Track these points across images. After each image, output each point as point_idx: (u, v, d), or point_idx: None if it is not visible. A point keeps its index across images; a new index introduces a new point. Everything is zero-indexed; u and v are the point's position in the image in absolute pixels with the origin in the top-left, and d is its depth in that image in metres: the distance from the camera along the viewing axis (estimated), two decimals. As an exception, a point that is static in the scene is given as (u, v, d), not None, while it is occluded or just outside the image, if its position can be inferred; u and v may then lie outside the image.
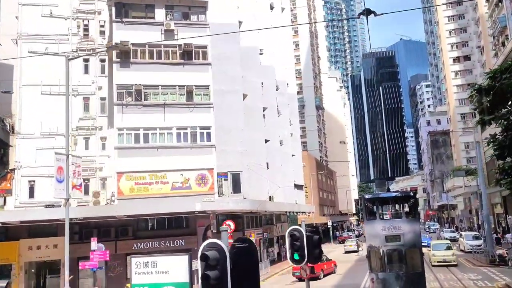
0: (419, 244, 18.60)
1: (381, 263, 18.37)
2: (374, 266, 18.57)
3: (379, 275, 18.32)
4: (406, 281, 17.82)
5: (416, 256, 18.24)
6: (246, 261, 7.43)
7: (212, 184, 32.27)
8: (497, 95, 17.13)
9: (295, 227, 13.97)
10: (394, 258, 18.32)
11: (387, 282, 18.08)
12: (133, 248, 31.71)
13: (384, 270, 18.25)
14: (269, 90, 46.72)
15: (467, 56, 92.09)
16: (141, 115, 31.87)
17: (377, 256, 18.51)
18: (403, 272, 17.98)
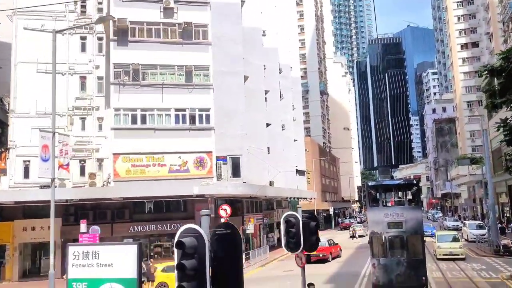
0: (421, 231, 18.79)
1: (382, 249, 18.55)
2: (376, 252, 18.73)
3: (380, 260, 18.48)
4: (407, 267, 18.00)
5: (417, 243, 18.43)
6: (229, 249, 6.63)
7: (210, 167, 31.50)
8: (510, 77, 16.14)
9: (291, 213, 13.17)
10: (396, 244, 18.51)
11: (388, 267, 18.24)
12: (130, 231, 31.17)
13: (385, 256, 18.41)
14: (272, 73, 45.68)
15: (475, 43, 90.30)
16: (138, 96, 30.99)
17: (379, 242, 18.70)
18: (404, 258, 18.17)
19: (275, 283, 24.23)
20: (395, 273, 18.14)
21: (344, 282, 23.50)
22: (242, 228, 36.92)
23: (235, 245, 6.67)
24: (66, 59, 32.73)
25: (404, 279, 17.97)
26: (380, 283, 18.37)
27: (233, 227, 6.81)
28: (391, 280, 18.13)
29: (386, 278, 18.28)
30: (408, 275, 18.01)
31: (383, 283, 18.30)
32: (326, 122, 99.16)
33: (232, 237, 6.68)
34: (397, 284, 18.06)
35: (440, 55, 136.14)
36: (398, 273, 18.09)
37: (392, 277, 18.15)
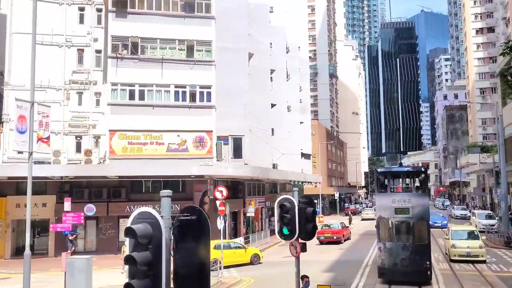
0: (427, 217, 19.30)
1: (389, 233, 19.13)
2: (382, 236, 19.26)
3: (386, 244, 19.03)
4: (412, 251, 18.56)
5: (423, 229, 18.98)
6: (194, 239, 5.39)
7: (210, 147, 30.26)
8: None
9: (286, 197, 11.93)
10: (402, 229, 19.14)
11: (394, 251, 18.82)
12: (126, 210, 30.12)
13: (391, 240, 19.03)
14: (279, 52, 44.06)
15: (491, 28, 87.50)
16: (137, 70, 29.66)
17: (386, 226, 19.26)
18: (410, 243, 18.79)
19: (275, 270, 23.12)
20: (400, 257, 18.69)
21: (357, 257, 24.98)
22: (244, 211, 35.87)
23: (201, 234, 5.42)
24: (64, 31, 31.43)
25: (408, 263, 18.49)
26: (386, 266, 18.94)
27: (200, 212, 5.55)
28: (396, 263, 18.71)
29: (391, 261, 18.84)
30: (412, 259, 18.51)
31: (388, 266, 18.88)
32: (335, 106, 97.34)
33: (198, 224, 5.43)
34: (401, 268, 18.59)
35: (454, 40, 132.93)
36: (403, 257, 18.64)
37: (397, 261, 18.70)
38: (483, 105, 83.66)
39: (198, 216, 5.46)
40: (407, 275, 18.61)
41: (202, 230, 5.43)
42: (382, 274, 19.27)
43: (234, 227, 36.05)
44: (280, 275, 20.98)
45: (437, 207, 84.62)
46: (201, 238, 5.41)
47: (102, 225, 30.41)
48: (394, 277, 18.86)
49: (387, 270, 18.96)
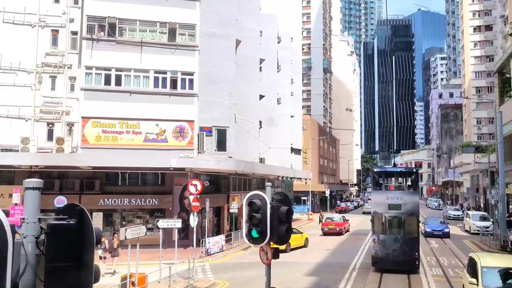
0: (417, 213, 21.27)
1: (382, 227, 21.08)
2: (376, 229, 21.19)
3: (380, 237, 20.95)
4: (403, 243, 20.52)
5: (413, 223, 20.98)
6: (70, 254, 3.49)
7: (191, 138, 28.34)
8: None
9: (257, 193, 10.01)
10: (394, 223, 21.10)
11: (387, 243, 20.73)
12: (99, 204, 28.24)
13: (384, 233, 20.96)
14: (269, 41, 42.07)
15: (488, 26, 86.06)
16: (114, 54, 27.65)
17: (380, 221, 21.19)
18: (401, 235, 20.74)
19: (253, 271, 21.27)
20: (392, 248, 20.67)
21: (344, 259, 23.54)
22: (227, 207, 34.01)
23: (82, 246, 3.53)
24: (37, 10, 29.24)
25: (399, 253, 20.51)
26: (379, 255, 20.85)
27: (82, 212, 3.65)
28: (388, 254, 20.65)
29: (384, 251, 20.78)
30: (403, 250, 20.53)
31: (381, 256, 20.79)
32: (328, 102, 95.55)
33: (79, 231, 3.54)
34: (393, 258, 20.53)
35: (450, 39, 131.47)
36: (395, 248, 20.63)
37: (389, 251, 20.65)
38: (479, 104, 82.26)
39: (79, 219, 3.56)
40: (397, 264, 20.43)
41: (85, 241, 3.53)
42: (375, 263, 21.08)
43: (217, 223, 34.21)
44: (258, 277, 19.17)
45: (429, 207, 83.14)
46: (83, 253, 3.52)
47: (73, 219, 28.39)
48: (385, 265, 20.63)
49: (380, 259, 20.83)
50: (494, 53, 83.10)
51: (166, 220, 19.41)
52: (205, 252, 26.17)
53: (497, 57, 70.92)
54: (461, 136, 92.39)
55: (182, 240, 28.08)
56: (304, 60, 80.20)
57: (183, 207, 28.47)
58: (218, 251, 27.47)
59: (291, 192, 60.21)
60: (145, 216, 29.73)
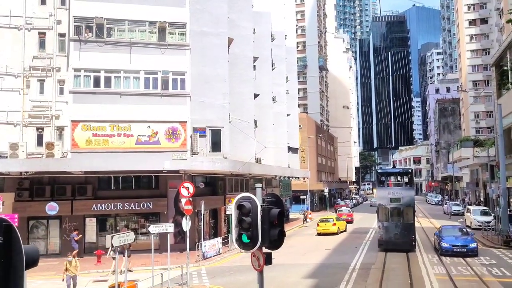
0: (413, 204, 26.53)
1: (386, 216, 26.35)
2: (381, 218, 26.52)
3: (384, 224, 26.33)
4: (402, 228, 25.82)
5: (410, 212, 26.10)
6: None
7: (185, 139, 27.65)
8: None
9: (246, 195, 9.41)
10: (395, 213, 26.26)
11: (389, 228, 26.10)
12: (92, 209, 27.61)
13: (387, 220, 26.26)
14: (263, 39, 41.41)
15: (484, 19, 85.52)
16: (102, 55, 26.94)
17: (383, 211, 26.51)
18: (400, 222, 25.95)
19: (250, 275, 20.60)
20: (393, 232, 25.93)
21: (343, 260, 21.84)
22: (224, 208, 33.38)
23: (8, 269, 2.87)
24: (23, 12, 28.57)
25: (399, 236, 25.73)
26: (383, 239, 26.23)
27: (9, 228, 2.99)
28: (391, 237, 25.92)
29: (387, 235, 26.09)
30: (402, 234, 25.73)
31: (385, 239, 26.11)
32: (325, 99, 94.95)
33: (5, 251, 2.88)
34: (394, 240, 25.78)
35: (446, 33, 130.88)
36: (396, 232, 25.87)
37: (391, 235, 25.95)
38: (476, 98, 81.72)
39: (6, 237, 2.90)
40: (398, 245, 25.60)
41: (12, 264, 2.88)
42: (380, 245, 26.36)
43: (214, 226, 33.57)
44: (255, 281, 18.51)
45: (429, 202, 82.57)
46: (8, 279, 2.86)
47: (66, 225, 27.74)
48: (389, 246, 25.69)
49: (384, 241, 26.14)
50: (490, 46, 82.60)
51: (158, 225, 18.74)
52: (201, 256, 25.53)
53: (493, 50, 70.42)
54: (459, 131, 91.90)
55: (179, 244, 27.47)
56: (299, 58, 79.62)
57: (178, 210, 27.79)
58: (215, 254, 26.84)
59: (289, 192, 59.59)
60: (139, 221, 29.09)
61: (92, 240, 28.06)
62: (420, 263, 22.04)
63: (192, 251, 24.54)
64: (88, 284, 19.86)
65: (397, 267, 21.12)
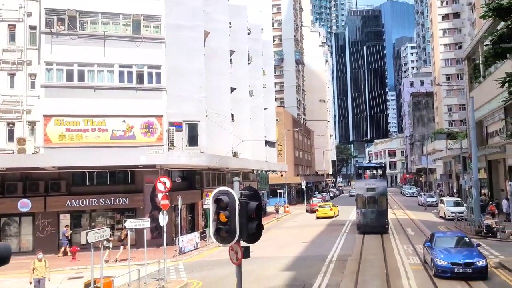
0: (386, 193, 31.00)
1: (363, 203, 30.74)
2: (359, 205, 30.87)
3: (361, 210, 30.68)
4: (377, 214, 30.19)
5: (383, 200, 30.57)
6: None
7: (161, 133, 27.38)
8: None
9: (224, 189, 9.36)
10: (370, 201, 30.69)
11: (366, 214, 30.46)
12: (66, 205, 27.12)
13: (365, 207, 30.60)
14: (239, 33, 41.23)
15: (456, 14, 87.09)
16: (75, 48, 26.40)
17: (361, 200, 30.89)
18: (375, 209, 30.34)
19: (228, 269, 20.58)
20: (370, 217, 30.28)
21: (320, 252, 21.03)
22: (201, 203, 33.23)
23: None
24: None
25: (375, 221, 30.02)
26: (361, 223, 30.56)
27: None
28: (368, 221, 30.26)
29: (364, 220, 30.45)
30: (377, 218, 30.05)
31: (363, 223, 30.47)
32: (301, 93, 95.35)
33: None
34: (370, 224, 30.07)
35: (420, 27, 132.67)
36: (372, 217, 30.21)
37: (368, 220, 30.30)
38: (449, 91, 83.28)
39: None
40: (374, 228, 29.77)
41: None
42: (359, 228, 30.75)
43: (191, 220, 33.40)
44: (233, 275, 18.48)
45: (404, 194, 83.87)
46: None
47: (39, 222, 27.19)
48: (366, 229, 29.95)
49: (362, 225, 30.45)
50: (462, 40, 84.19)
51: (134, 220, 18.51)
52: (178, 251, 25.36)
53: (466, 44, 71.78)
54: (432, 124, 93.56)
55: (155, 239, 27.21)
56: (276, 52, 79.59)
57: (155, 205, 27.53)
58: (193, 249, 26.70)
59: (267, 185, 59.75)
60: (115, 216, 28.72)
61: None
62: (396, 254, 22.37)
63: (169, 246, 24.34)
64: (63, 281, 19.52)
65: (374, 259, 21.38)
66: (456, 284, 15.98)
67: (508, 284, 16.02)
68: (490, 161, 42.67)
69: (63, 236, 25.82)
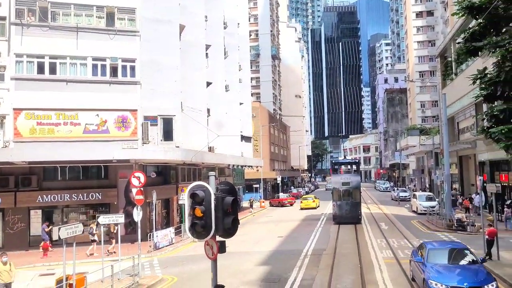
0: (359, 187, 34.13)
1: (339, 196, 33.58)
2: (335, 197, 33.75)
3: (337, 202, 33.44)
4: (351, 205, 33.09)
5: (357, 193, 33.61)
6: None
7: (135, 128, 27.00)
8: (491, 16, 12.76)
9: (200, 184, 9.27)
10: (345, 194, 33.54)
11: (341, 206, 33.22)
12: (38, 201, 26.55)
13: (340, 200, 33.42)
14: (215, 27, 40.97)
15: (430, 11, 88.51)
16: (47, 40, 25.75)
17: (337, 193, 33.72)
18: (350, 201, 33.24)
19: (203, 265, 20.49)
20: (344, 209, 33.05)
21: (296, 247, 20.77)
22: (177, 198, 32.99)
23: None
24: (-42, -7, 26.72)
25: (349, 212, 32.89)
26: (337, 214, 33.22)
27: None
28: (342, 213, 32.96)
29: (340, 211, 33.17)
30: (351, 210, 32.92)
31: (338, 214, 33.12)
32: (277, 89, 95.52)
33: None
34: (345, 215, 32.76)
35: (394, 25, 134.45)
36: (346, 209, 32.99)
37: (343, 211, 33.03)
38: (422, 88, 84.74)
39: None
40: (348, 219, 32.42)
41: None
42: (335, 219, 33.25)
43: (166, 215, 33.12)
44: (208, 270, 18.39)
45: (378, 189, 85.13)
46: None
47: (9, 218, 26.55)
48: (341, 220, 32.42)
49: (338, 216, 33.03)
50: (435, 38, 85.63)
51: (108, 216, 18.21)
52: (153, 246, 25.14)
53: (439, 41, 73.05)
54: (406, 120, 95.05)
55: (130, 234, 26.89)
56: (252, 47, 79.45)
57: (129, 200, 27.19)
58: (168, 244, 26.50)
59: (242, 180, 59.73)
60: (88, 212, 28.25)
61: (38, 233, 26.92)
62: (370, 248, 22.68)
63: (144, 241, 24.11)
64: (34, 278, 19.12)
65: (348, 253, 21.63)
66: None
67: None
68: (461, 157, 43.64)
69: (43, 231, 25.20)
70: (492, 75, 12.72)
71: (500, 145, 12.84)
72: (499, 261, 18.10)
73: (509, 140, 12.34)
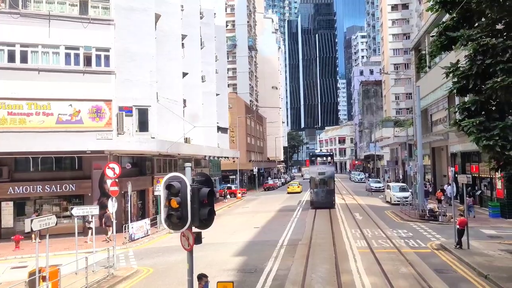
0: (333, 176, 38.81)
1: (315, 184, 37.81)
2: (312, 186, 38.07)
3: (314, 190, 37.67)
4: (326, 193, 37.26)
5: (331, 182, 37.88)
6: None
7: (109, 118, 26.56)
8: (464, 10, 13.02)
9: (176, 175, 9.25)
10: (321, 182, 37.76)
11: (318, 193, 37.38)
12: (9, 192, 26.02)
13: (316, 188, 37.68)
14: (191, 17, 40.57)
15: (405, 5, 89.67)
16: (18, 28, 25.03)
17: (314, 181, 37.94)
18: (325, 189, 37.46)
19: (180, 256, 20.45)
20: (320, 195, 37.22)
21: (272, 237, 20.96)
22: (152, 189, 32.75)
23: None
24: None
25: (324, 198, 37.03)
26: (314, 200, 37.46)
27: None
28: (319, 199, 37.16)
29: (316, 198, 37.38)
30: (326, 196, 37.09)
31: (315, 200, 37.33)
32: (254, 80, 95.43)
33: None
34: (321, 201, 36.93)
35: (370, 17, 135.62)
36: (322, 195, 37.15)
37: (319, 198, 37.19)
38: (397, 80, 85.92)
39: None
40: (323, 204, 36.51)
41: None
42: (312, 204, 37.52)
43: (141, 207, 32.87)
44: (184, 261, 18.36)
45: (353, 180, 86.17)
46: None
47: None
48: (318, 206, 36.59)
49: (315, 202, 37.20)
50: (410, 31, 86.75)
51: (82, 207, 17.97)
52: (128, 238, 24.94)
53: (413, 34, 74.11)
54: (381, 111, 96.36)
55: (104, 226, 26.59)
56: (229, 38, 79.09)
57: (103, 192, 26.86)
58: (143, 236, 26.34)
59: (219, 172, 59.66)
60: (62, 203, 27.80)
61: (10, 225, 26.45)
62: (344, 238, 23.00)
63: (119, 233, 23.93)
64: (6, 270, 18.76)
65: (323, 242, 21.88)
66: (399, 264, 16.76)
67: (447, 264, 16.89)
68: (434, 148, 44.56)
69: None
70: (464, 68, 13.00)
71: (471, 137, 13.14)
72: (468, 250, 18.60)
73: (480, 132, 12.64)
